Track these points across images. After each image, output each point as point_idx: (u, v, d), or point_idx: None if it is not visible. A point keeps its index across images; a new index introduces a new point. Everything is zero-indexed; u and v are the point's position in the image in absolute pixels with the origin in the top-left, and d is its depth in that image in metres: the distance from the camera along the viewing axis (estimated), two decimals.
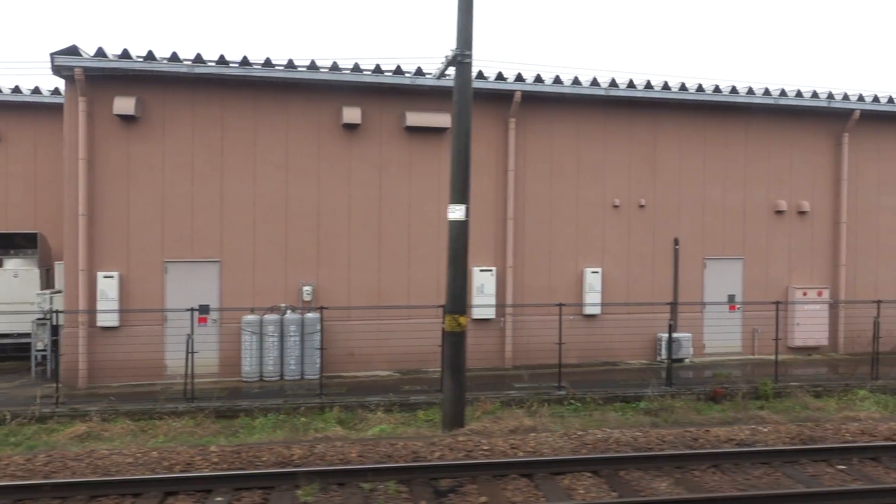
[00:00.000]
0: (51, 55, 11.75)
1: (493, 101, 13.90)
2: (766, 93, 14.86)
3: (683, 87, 14.43)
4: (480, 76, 13.58)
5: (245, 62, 12.49)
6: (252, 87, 13.02)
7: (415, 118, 13.49)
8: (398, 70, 13.18)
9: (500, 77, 13.64)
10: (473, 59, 8.80)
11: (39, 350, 13.34)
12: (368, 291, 13.67)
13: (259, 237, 13.20)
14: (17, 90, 15.01)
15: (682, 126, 15.01)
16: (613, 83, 14.08)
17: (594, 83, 14.01)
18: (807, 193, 15.77)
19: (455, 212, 8.74)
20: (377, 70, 13.07)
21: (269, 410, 10.81)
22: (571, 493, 6.25)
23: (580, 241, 14.62)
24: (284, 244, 13.33)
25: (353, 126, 13.38)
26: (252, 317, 12.77)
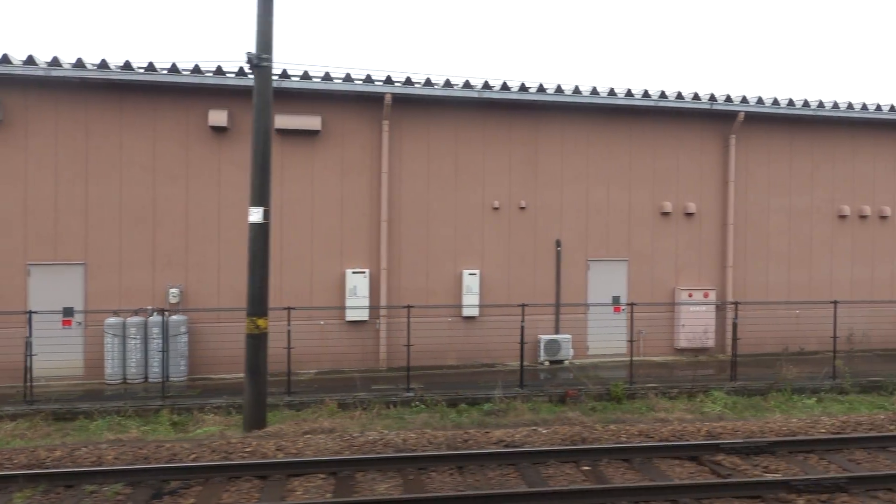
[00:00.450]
0: None
1: (366, 104, 13.95)
2: (646, 95, 14.90)
3: (560, 90, 14.46)
4: (348, 78, 13.62)
5: (104, 65, 12.54)
6: (117, 90, 13.06)
7: (283, 121, 13.53)
8: None
9: (369, 80, 13.67)
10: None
11: None
12: (238, 293, 13.67)
13: (125, 239, 13.24)
14: None
15: (565, 128, 15.05)
16: (487, 85, 14.12)
17: (467, 85, 14.06)
18: (694, 195, 15.80)
19: (254, 214, 8.79)
20: (241, 73, 13.11)
21: (109, 413, 10.84)
22: (290, 495, 6.28)
23: (458, 243, 14.65)
24: (152, 246, 13.36)
25: (222, 129, 13.43)
26: (115, 319, 12.80)
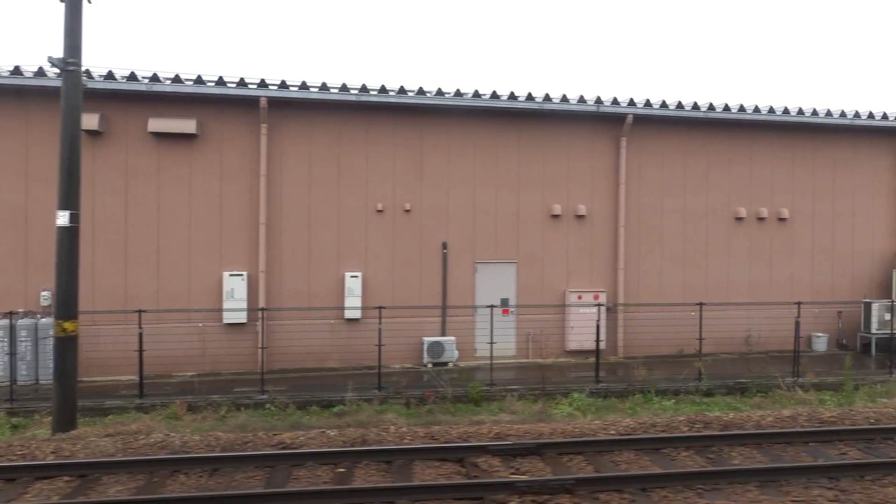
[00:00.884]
0: None
1: (244, 108, 14.01)
2: (530, 97, 14.95)
3: (441, 93, 14.51)
4: (221, 82, 13.66)
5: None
6: None
7: (157, 124, 13.58)
8: (132, 76, 13.28)
9: (242, 83, 13.72)
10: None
11: None
12: (114, 296, 13.73)
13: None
14: None
15: (451, 131, 15.10)
16: (365, 89, 14.17)
17: (344, 89, 14.11)
18: (585, 197, 15.85)
19: (61, 218, 8.83)
20: (109, 76, 13.17)
21: None
22: (20, 497, 6.32)
23: (342, 246, 14.69)
24: (24, 249, 13.39)
25: (96, 132, 13.47)
26: None
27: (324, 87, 14.01)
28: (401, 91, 14.31)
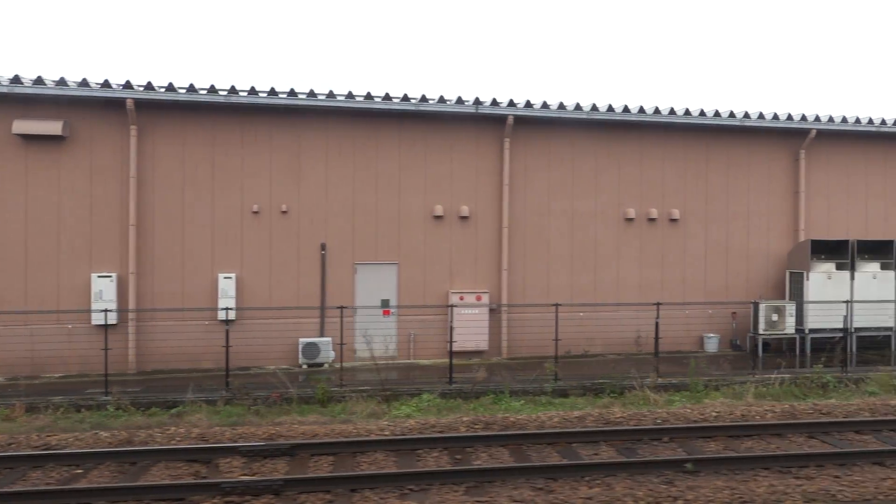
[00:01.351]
0: None
1: (114, 110, 14.02)
2: (406, 98, 14.98)
3: (313, 94, 14.54)
4: (85, 83, 13.70)
5: None
6: None
7: (22, 126, 13.61)
8: None
9: (107, 85, 13.76)
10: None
11: None
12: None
13: None
14: None
15: (329, 133, 15.13)
16: (234, 90, 14.20)
17: (212, 91, 14.14)
18: (469, 199, 15.87)
19: None
20: None
21: None
22: None
23: (216, 247, 14.72)
24: None
25: None
26: None
27: (192, 89, 14.04)
28: (272, 92, 14.34)
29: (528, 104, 15.58)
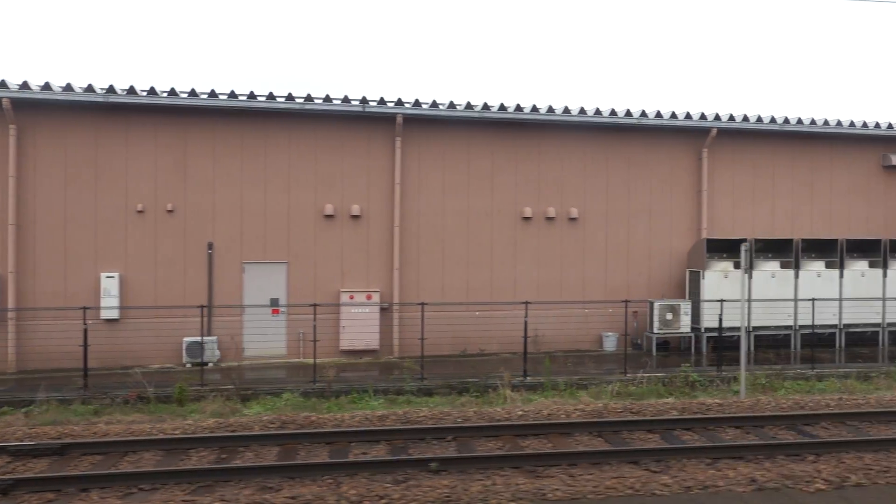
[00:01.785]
0: None
1: None
2: (290, 98, 14.99)
3: (195, 93, 14.54)
4: None
5: None
6: None
7: None
8: None
9: None
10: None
11: None
12: None
13: None
14: None
15: (216, 132, 15.14)
16: (112, 90, 14.22)
17: (90, 90, 14.15)
18: (361, 198, 15.88)
19: None
20: None
21: None
22: None
23: (100, 247, 14.74)
24: None
25: None
26: None
27: (68, 88, 14.07)
28: (151, 92, 14.36)
29: (417, 103, 15.59)
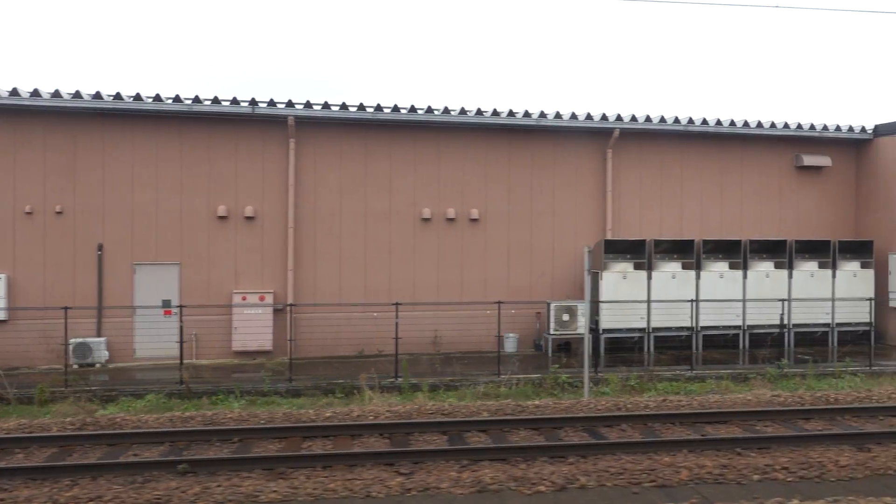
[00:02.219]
0: None
1: None
2: (177, 99, 15.05)
3: (78, 95, 14.64)
4: None
5: None
6: None
7: None
8: None
9: None
10: None
11: None
12: None
13: None
14: None
15: (105, 135, 15.23)
16: (16, 92, 14.29)
17: None
18: (255, 199, 15.94)
19: None
20: None
21: None
22: None
23: None
24: None
25: None
26: None
27: None
28: (35, 93, 14.44)
29: (309, 105, 15.64)
